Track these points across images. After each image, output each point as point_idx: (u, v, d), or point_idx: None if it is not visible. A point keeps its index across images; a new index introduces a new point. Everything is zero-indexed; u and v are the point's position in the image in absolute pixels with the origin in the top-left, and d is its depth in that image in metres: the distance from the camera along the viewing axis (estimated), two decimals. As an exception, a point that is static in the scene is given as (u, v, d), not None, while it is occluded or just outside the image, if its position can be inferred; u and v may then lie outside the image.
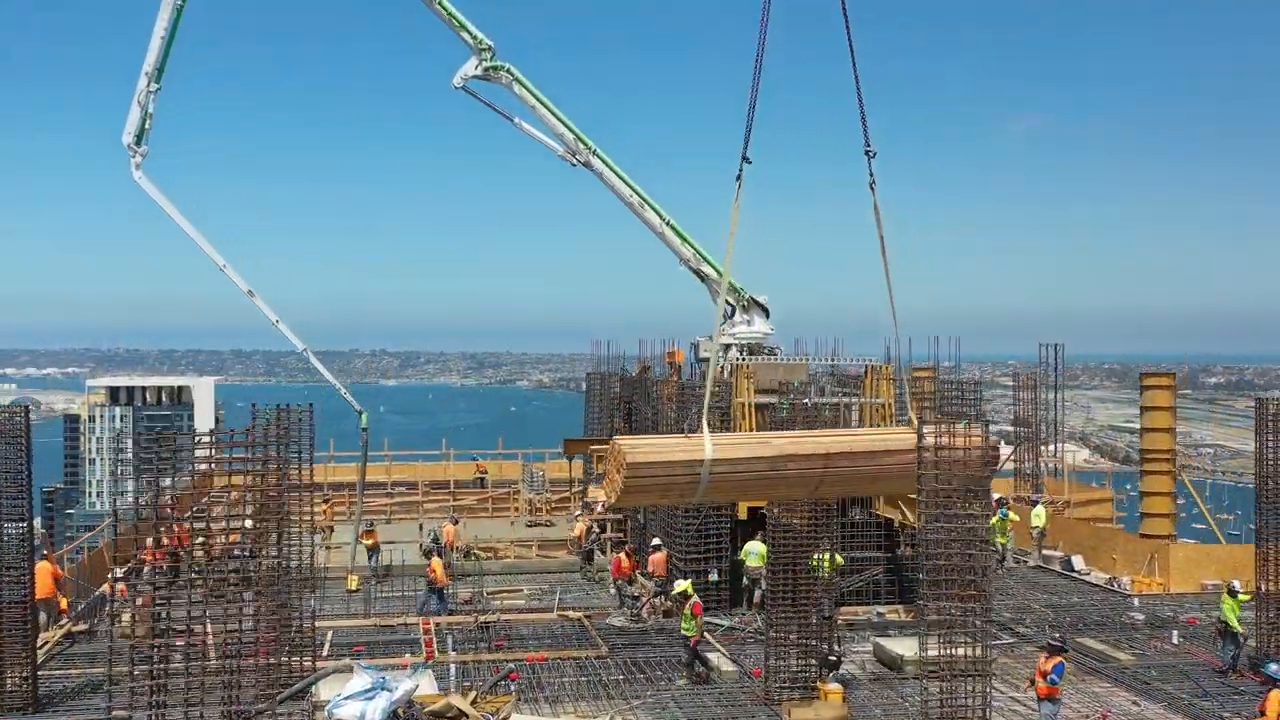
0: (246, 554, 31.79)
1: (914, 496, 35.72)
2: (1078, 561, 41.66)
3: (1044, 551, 43.10)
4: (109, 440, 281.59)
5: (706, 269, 42.38)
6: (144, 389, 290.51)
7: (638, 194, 42.16)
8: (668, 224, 42.28)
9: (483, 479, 63.07)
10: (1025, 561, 42.94)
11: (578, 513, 44.80)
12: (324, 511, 52.34)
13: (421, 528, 45.73)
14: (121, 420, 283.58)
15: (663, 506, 37.94)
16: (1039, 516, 42.82)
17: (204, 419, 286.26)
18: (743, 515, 35.70)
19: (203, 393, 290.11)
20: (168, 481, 25.39)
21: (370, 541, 41.75)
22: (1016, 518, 43.13)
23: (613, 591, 36.85)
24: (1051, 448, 59.27)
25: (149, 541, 32.33)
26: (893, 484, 29.86)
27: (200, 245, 41.36)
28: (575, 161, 42.28)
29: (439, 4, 40.96)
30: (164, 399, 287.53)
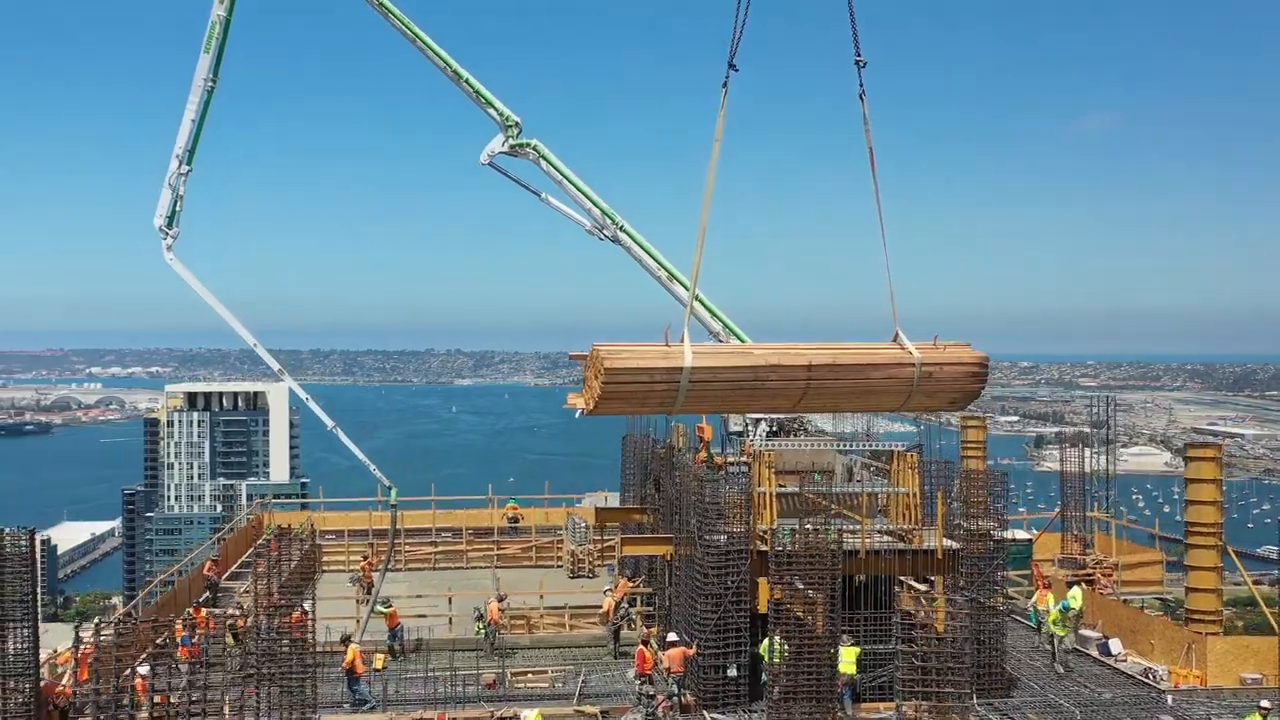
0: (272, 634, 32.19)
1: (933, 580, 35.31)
2: (1115, 645, 40.66)
3: (1081, 632, 42.11)
4: (186, 445, 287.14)
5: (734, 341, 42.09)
6: (220, 394, 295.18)
7: (665, 269, 42.00)
8: (696, 298, 41.97)
9: (515, 524, 62.99)
10: (1063, 644, 41.94)
11: (607, 588, 44.55)
12: (363, 568, 52.65)
13: (451, 601, 45.56)
14: (199, 425, 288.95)
15: (673, 555, 37.65)
16: (1075, 598, 41.78)
17: (279, 424, 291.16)
18: (762, 608, 35.22)
19: (278, 398, 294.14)
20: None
21: (390, 610, 41.68)
22: (1075, 605, 41.77)
23: (633, 681, 36.60)
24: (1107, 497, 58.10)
25: (179, 625, 32.77)
26: (878, 399, 29.28)
27: (232, 325, 42.01)
28: (603, 236, 42.19)
29: (466, 81, 41.12)
30: (240, 404, 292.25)
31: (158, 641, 23.00)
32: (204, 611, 38.15)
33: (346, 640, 36.09)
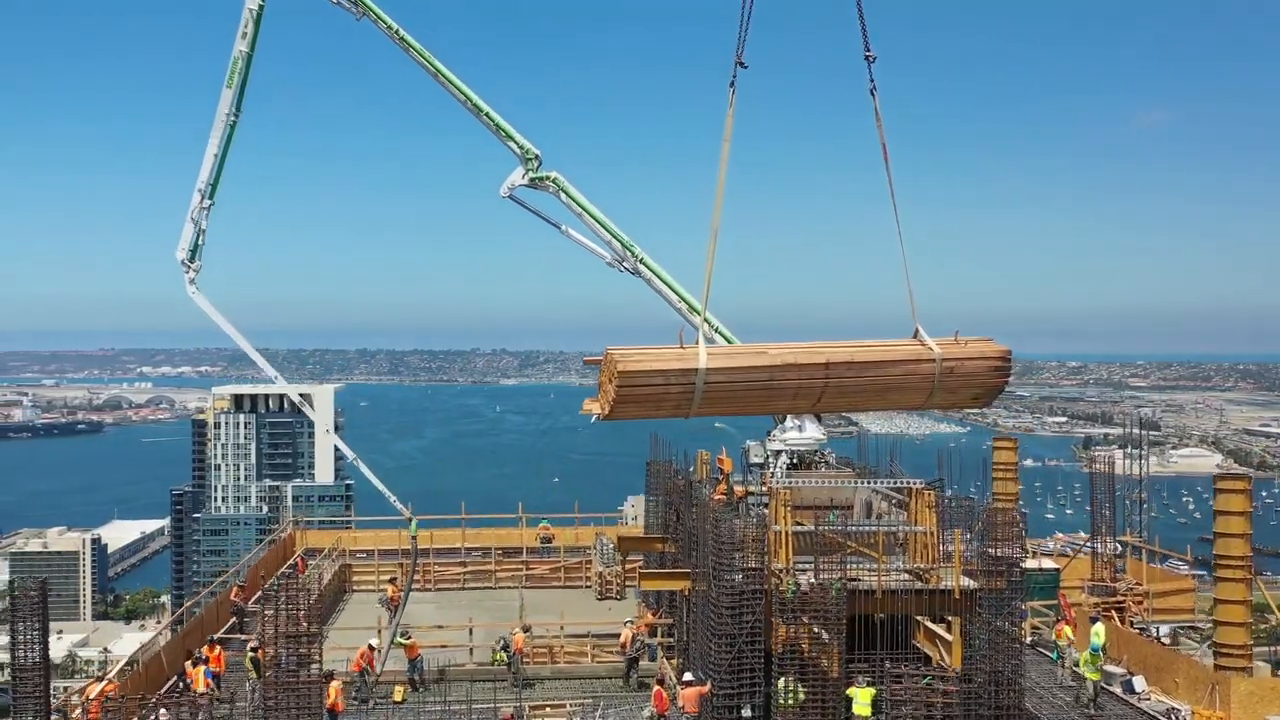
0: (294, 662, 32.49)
1: (951, 627, 35.00)
2: (1139, 682, 40.15)
3: (1106, 668, 41.56)
4: (233, 446, 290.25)
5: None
6: (266, 396, 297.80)
7: (686, 301, 41.93)
8: (715, 330, 41.93)
9: (548, 543, 63.05)
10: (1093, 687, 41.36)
11: (629, 619, 44.49)
12: (392, 593, 52.78)
13: (471, 632, 45.57)
14: (245, 427, 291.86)
15: (691, 590, 37.49)
16: (1098, 634, 41.30)
17: (323, 426, 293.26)
18: (777, 649, 35.05)
19: (322, 400, 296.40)
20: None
21: (410, 642, 41.72)
22: (1099, 641, 41.12)
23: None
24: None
25: (188, 666, 33.10)
26: (900, 397, 28.79)
27: (253, 357, 42.36)
28: (623, 269, 42.19)
29: (486, 115, 41.24)
30: (285, 406, 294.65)
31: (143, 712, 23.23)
32: (216, 649, 38.43)
33: (330, 676, 35.60)
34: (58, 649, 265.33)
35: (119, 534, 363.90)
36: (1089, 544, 56.58)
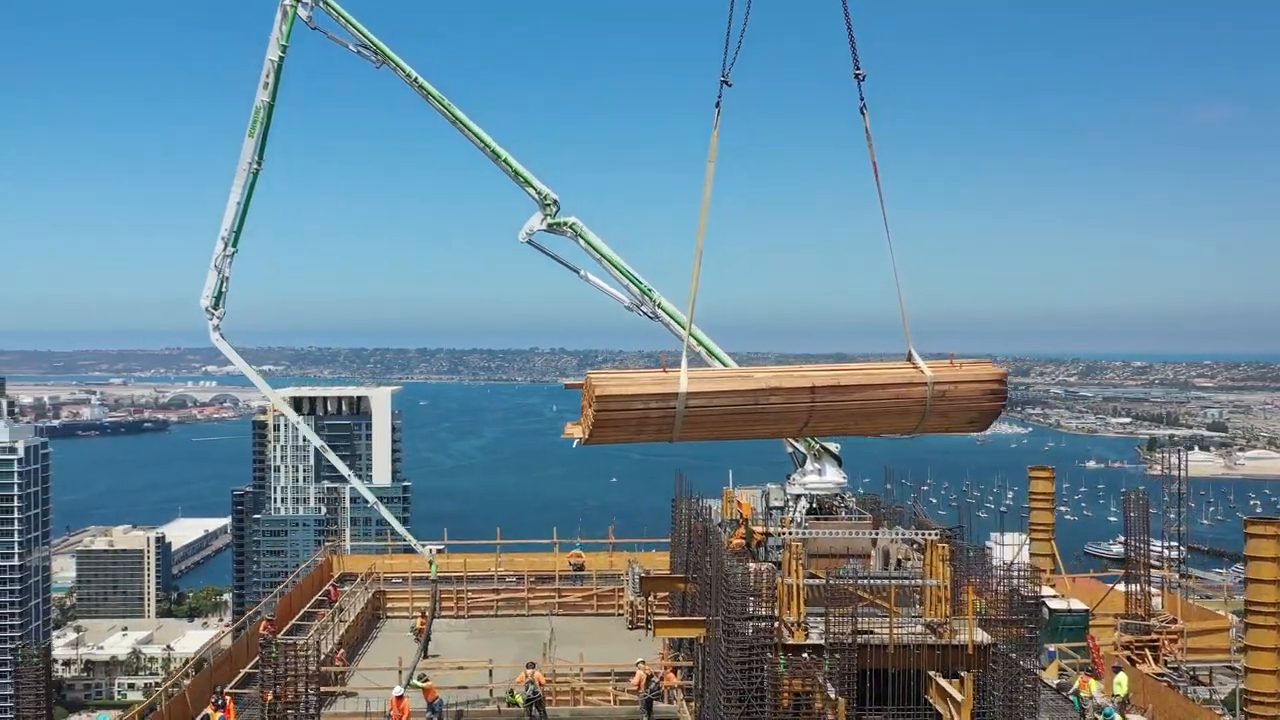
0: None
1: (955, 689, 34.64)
2: (1163, 734, 39.59)
3: (1130, 718, 41.01)
4: (292, 448, 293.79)
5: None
6: (325, 399, 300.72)
7: (704, 345, 41.85)
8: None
9: (579, 570, 63.21)
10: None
11: (640, 659, 44.48)
12: (420, 623, 53.19)
13: (491, 673, 45.68)
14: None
15: (703, 637, 37.40)
16: (1120, 685, 40.80)
17: (381, 427, 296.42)
18: (785, 702, 34.92)
19: (380, 402, 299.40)
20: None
21: (428, 685, 41.90)
22: (1121, 691, 40.54)
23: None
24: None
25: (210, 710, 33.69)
26: (889, 421, 28.43)
27: (273, 401, 42.74)
28: (641, 313, 42.21)
29: (504, 161, 41.44)
30: (344, 408, 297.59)
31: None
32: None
33: None
34: (122, 645, 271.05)
35: (182, 532, 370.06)
36: (1123, 577, 55.81)
